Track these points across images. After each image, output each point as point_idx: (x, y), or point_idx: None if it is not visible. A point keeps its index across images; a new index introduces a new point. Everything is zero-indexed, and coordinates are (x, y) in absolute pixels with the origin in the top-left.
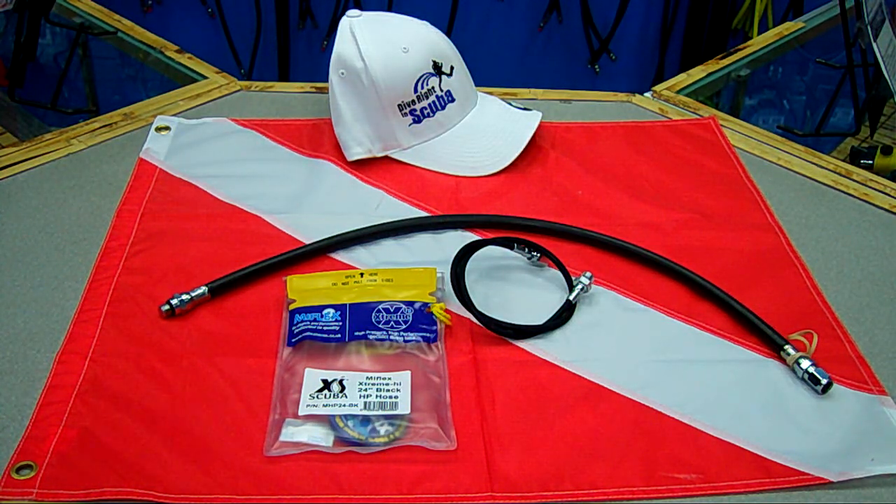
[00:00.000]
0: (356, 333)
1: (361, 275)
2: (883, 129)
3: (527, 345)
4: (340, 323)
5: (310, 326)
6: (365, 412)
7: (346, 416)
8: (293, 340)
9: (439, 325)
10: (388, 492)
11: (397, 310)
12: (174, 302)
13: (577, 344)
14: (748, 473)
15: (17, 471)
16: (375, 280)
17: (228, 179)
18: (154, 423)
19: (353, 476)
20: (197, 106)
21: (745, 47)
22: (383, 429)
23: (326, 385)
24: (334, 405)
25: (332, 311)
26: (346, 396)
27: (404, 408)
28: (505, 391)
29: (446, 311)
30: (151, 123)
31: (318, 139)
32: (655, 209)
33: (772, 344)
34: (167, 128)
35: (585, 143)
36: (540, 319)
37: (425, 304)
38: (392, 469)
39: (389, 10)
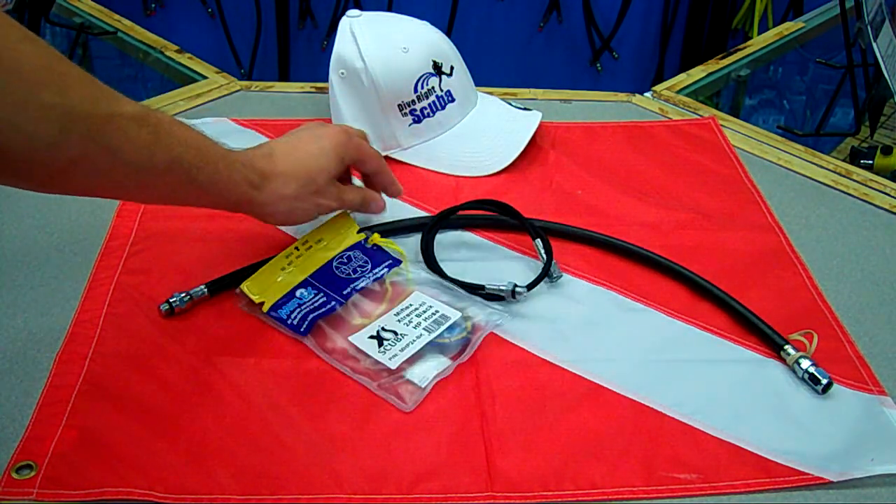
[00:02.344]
0: (344, 292)
1: (297, 248)
2: (883, 129)
3: (527, 345)
4: (322, 292)
5: (306, 309)
6: (431, 336)
7: (429, 340)
8: (304, 329)
9: (391, 251)
10: (388, 491)
11: (349, 258)
12: (173, 301)
13: (576, 344)
14: (748, 473)
15: (17, 471)
16: (311, 247)
17: None
18: (154, 423)
19: (352, 475)
20: (197, 106)
21: (745, 47)
22: (455, 331)
23: (378, 337)
24: (408, 344)
25: (303, 290)
26: (405, 335)
27: (453, 313)
28: (505, 391)
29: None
30: None
31: None
32: (655, 209)
33: (772, 344)
34: None
35: (585, 143)
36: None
37: (364, 241)
38: (392, 468)
39: (389, 10)
